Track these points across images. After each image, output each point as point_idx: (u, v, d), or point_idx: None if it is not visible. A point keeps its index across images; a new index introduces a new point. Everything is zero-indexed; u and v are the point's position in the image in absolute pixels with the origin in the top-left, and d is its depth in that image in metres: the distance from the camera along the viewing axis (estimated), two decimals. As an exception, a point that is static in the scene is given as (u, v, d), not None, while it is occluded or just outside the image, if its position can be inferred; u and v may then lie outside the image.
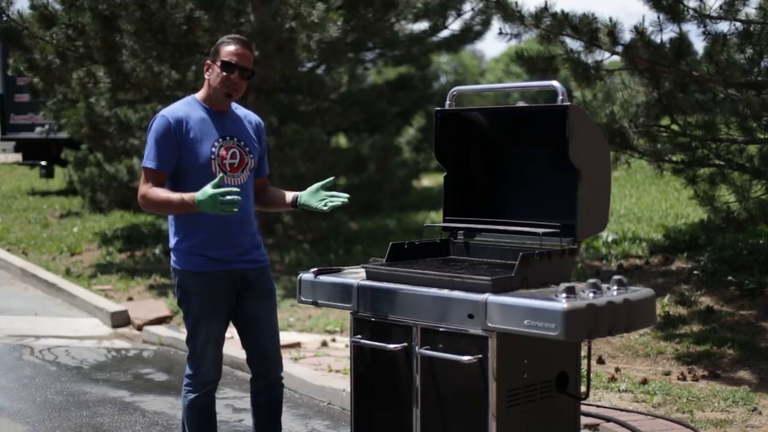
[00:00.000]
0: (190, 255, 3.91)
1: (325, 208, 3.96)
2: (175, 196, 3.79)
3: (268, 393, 4.15)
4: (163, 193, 3.81)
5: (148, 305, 8.37)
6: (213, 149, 3.91)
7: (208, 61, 3.96)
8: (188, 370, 4.02)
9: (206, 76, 3.97)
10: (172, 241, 3.97)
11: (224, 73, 3.90)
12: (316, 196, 4.04)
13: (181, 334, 7.51)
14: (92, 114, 11.22)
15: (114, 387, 6.22)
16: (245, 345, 4.14)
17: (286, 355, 6.73)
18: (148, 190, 3.84)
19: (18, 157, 19.84)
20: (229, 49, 3.92)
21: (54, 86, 11.48)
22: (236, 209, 3.64)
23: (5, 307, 8.93)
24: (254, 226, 4.02)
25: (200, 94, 4.03)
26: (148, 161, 3.87)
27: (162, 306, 8.28)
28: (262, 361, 4.12)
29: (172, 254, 4.00)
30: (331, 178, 4.07)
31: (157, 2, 9.27)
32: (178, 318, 8.06)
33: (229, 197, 3.62)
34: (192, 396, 4.00)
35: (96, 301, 8.66)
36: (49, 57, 10.22)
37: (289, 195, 4.16)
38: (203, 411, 4.03)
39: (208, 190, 3.65)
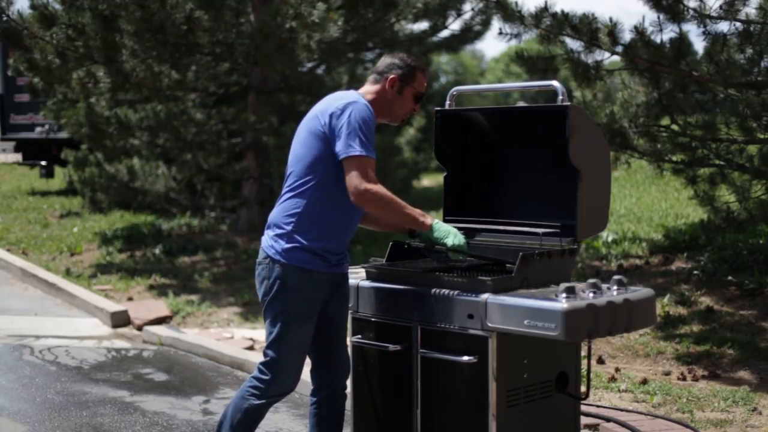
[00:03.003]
0: (303, 250, 3.65)
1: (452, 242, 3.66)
2: (411, 208, 3.64)
3: (330, 403, 3.89)
4: (396, 198, 3.61)
5: (148, 305, 8.37)
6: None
7: (396, 77, 3.75)
8: (262, 375, 3.72)
9: (386, 89, 3.76)
10: (286, 228, 3.67)
11: (413, 103, 3.82)
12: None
13: (181, 334, 7.51)
14: (92, 114, 11.22)
15: (114, 387, 6.21)
16: (315, 350, 3.87)
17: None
18: (380, 186, 3.57)
19: (18, 157, 19.84)
20: (424, 80, 3.82)
21: (54, 86, 11.48)
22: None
23: (5, 307, 8.93)
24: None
25: (369, 98, 3.75)
26: (368, 150, 3.56)
27: (162, 306, 8.28)
28: (330, 369, 3.87)
29: (276, 241, 3.68)
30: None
31: (157, 2, 9.27)
32: (178, 318, 8.06)
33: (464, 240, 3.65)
34: (256, 402, 3.73)
35: (96, 301, 8.66)
36: (49, 57, 10.22)
37: None
38: (258, 418, 3.80)
39: (452, 227, 3.66)
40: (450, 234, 3.62)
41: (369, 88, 3.81)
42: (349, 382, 3.92)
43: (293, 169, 3.74)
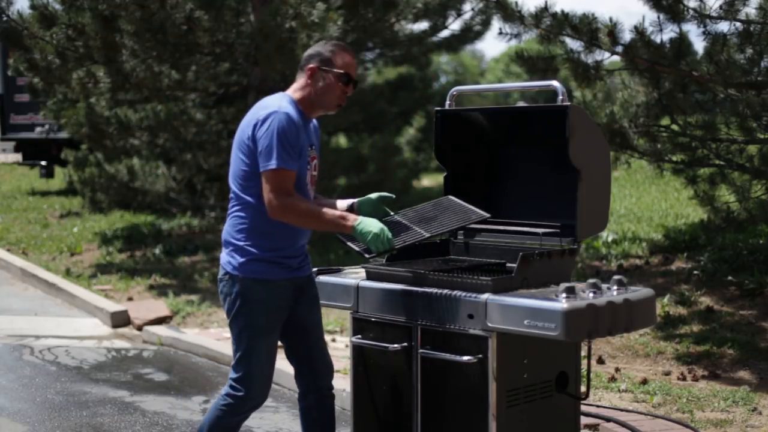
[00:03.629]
0: (259, 261, 3.64)
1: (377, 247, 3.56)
2: (330, 211, 3.61)
3: (320, 406, 3.86)
4: (310, 205, 3.61)
5: (148, 305, 8.37)
6: (308, 158, 3.69)
7: (314, 66, 3.67)
8: (236, 391, 3.67)
9: (308, 81, 3.68)
10: (239, 243, 3.65)
11: (342, 86, 3.69)
12: (378, 210, 3.84)
13: (181, 334, 7.50)
14: (92, 114, 11.21)
15: (114, 387, 6.21)
16: (295, 356, 3.88)
17: (285, 354, 6.73)
18: (293, 199, 3.55)
19: (18, 157, 19.83)
20: (346, 60, 3.70)
21: (54, 86, 11.47)
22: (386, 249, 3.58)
23: (5, 307, 8.93)
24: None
25: (297, 96, 3.70)
26: (284, 162, 3.52)
27: (162, 306, 8.28)
28: (312, 372, 3.86)
29: (232, 257, 3.66)
30: (392, 196, 3.87)
31: (157, 2, 9.27)
32: (178, 318, 8.06)
33: (389, 237, 3.56)
34: (234, 419, 3.71)
35: (96, 301, 8.66)
36: (49, 57, 10.22)
37: (341, 203, 3.88)
38: (235, 430, 3.80)
39: (376, 222, 3.57)
40: (370, 237, 3.54)
41: (295, 86, 3.74)
42: (349, 382, 3.92)
43: (232, 185, 3.70)
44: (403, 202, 14.02)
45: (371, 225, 3.56)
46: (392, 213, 3.87)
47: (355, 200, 3.88)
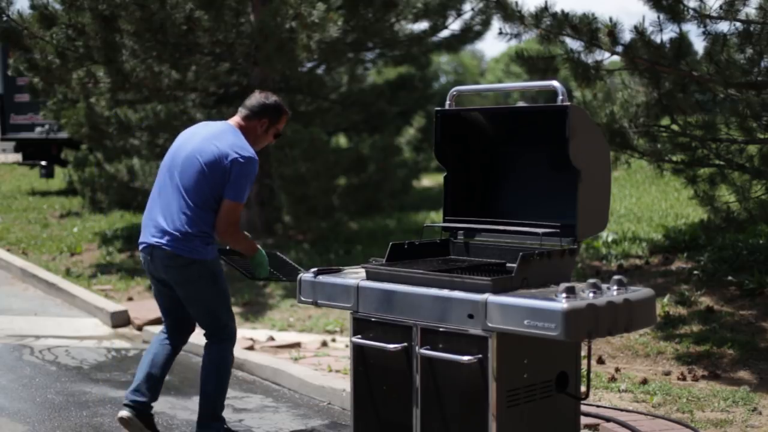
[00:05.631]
0: (213, 245, 4.57)
1: None
2: (248, 238, 4.65)
3: (173, 357, 5.01)
4: (241, 232, 4.61)
5: (148, 305, 8.37)
6: None
7: (266, 121, 4.60)
8: (228, 342, 4.77)
9: (259, 130, 4.60)
10: (198, 235, 4.46)
11: (273, 138, 4.70)
12: None
13: (181, 334, 7.50)
14: (92, 114, 11.22)
15: (114, 387, 6.21)
16: (184, 316, 4.87)
17: (285, 354, 6.74)
18: (238, 228, 4.53)
19: (18, 157, 19.85)
20: (285, 119, 4.67)
21: (54, 86, 11.48)
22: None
23: (5, 307, 8.93)
24: None
25: (245, 135, 4.55)
26: (245, 199, 4.47)
27: (162, 306, 8.27)
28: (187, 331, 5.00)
29: (197, 246, 4.47)
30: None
31: (157, 2, 9.28)
32: (178, 318, 8.06)
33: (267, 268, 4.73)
34: (232, 350, 4.79)
35: (96, 301, 8.66)
36: (49, 57, 10.22)
37: None
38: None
39: (265, 253, 4.68)
40: (263, 263, 4.69)
41: (248, 125, 4.61)
42: (349, 382, 3.93)
43: (196, 195, 4.45)
44: (404, 201, 14.05)
45: (263, 255, 4.66)
46: None
47: None
